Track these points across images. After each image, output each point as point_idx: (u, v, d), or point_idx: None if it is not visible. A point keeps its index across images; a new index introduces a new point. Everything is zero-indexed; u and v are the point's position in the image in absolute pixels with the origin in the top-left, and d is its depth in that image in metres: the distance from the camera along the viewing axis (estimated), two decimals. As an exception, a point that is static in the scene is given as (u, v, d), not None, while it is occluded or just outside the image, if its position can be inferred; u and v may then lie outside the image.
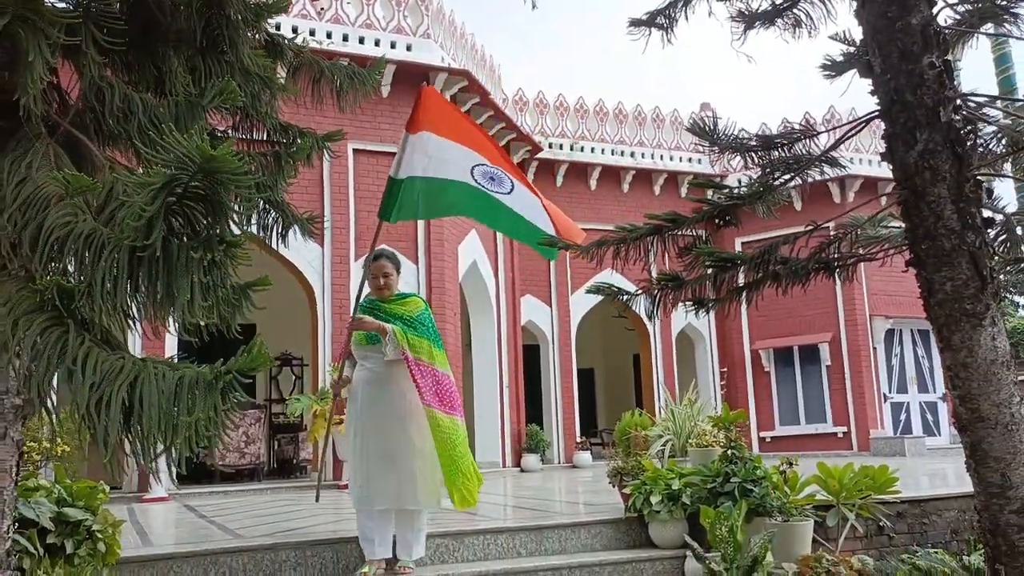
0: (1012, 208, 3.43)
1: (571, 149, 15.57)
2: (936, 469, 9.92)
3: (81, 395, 1.70)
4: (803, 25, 3.65)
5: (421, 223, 11.24)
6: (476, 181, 4.91)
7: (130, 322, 2.08)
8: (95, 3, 2.33)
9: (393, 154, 11.12)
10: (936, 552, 4.79)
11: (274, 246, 3.75)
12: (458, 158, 4.86)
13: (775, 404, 16.02)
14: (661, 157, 16.39)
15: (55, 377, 1.85)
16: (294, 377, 13.44)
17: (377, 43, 11.06)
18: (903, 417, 15.54)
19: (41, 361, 1.74)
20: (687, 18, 3.76)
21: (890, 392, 15.51)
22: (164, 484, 9.17)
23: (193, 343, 2.28)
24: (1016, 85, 4.38)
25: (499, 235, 13.61)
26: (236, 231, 2.00)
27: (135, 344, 8.43)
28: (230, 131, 3.38)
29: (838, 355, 15.39)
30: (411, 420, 4.35)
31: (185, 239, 1.93)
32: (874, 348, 15.33)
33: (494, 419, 12.94)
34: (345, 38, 10.89)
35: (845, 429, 15.19)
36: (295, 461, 11.82)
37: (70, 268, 2.10)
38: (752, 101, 55.61)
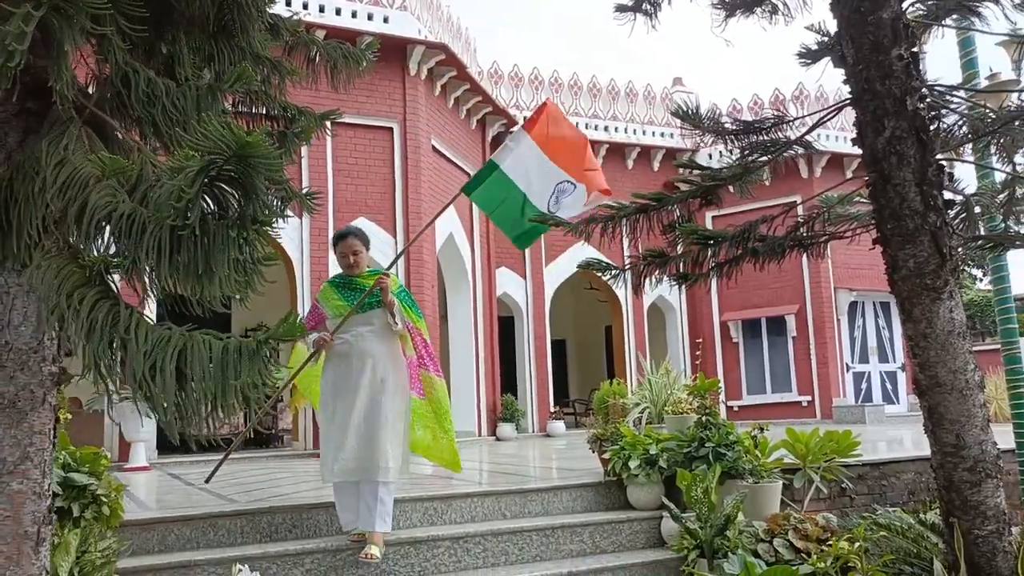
0: (971, 190, 3.68)
1: (545, 122, 15.68)
2: (894, 435, 10.35)
3: (137, 363, 1.86)
4: (780, 13, 3.84)
5: (399, 196, 11.35)
6: (550, 204, 5.12)
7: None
8: (119, -9, 2.44)
9: (370, 127, 11.26)
10: (894, 510, 5.11)
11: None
12: (548, 179, 5.10)
13: (743, 374, 16.46)
14: (634, 131, 16.58)
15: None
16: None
17: (354, 15, 11.06)
18: (864, 386, 16.06)
19: (95, 332, 1.90)
20: (671, 3, 3.93)
21: (852, 362, 16.00)
22: (146, 454, 9.30)
23: (165, 314, 2.42)
24: (978, 67, 4.61)
25: (475, 209, 13.75)
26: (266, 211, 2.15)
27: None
28: (233, 112, 3.51)
29: (804, 326, 15.83)
30: (388, 393, 4.39)
31: (218, 219, 2.09)
32: (838, 320, 15.79)
33: (470, 389, 13.17)
34: (322, 9, 10.87)
35: (809, 398, 15.68)
36: (273, 431, 11.97)
37: (103, 245, 2.25)
38: (724, 72, 55.85)
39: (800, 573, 4.20)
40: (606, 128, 16.32)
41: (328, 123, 3.84)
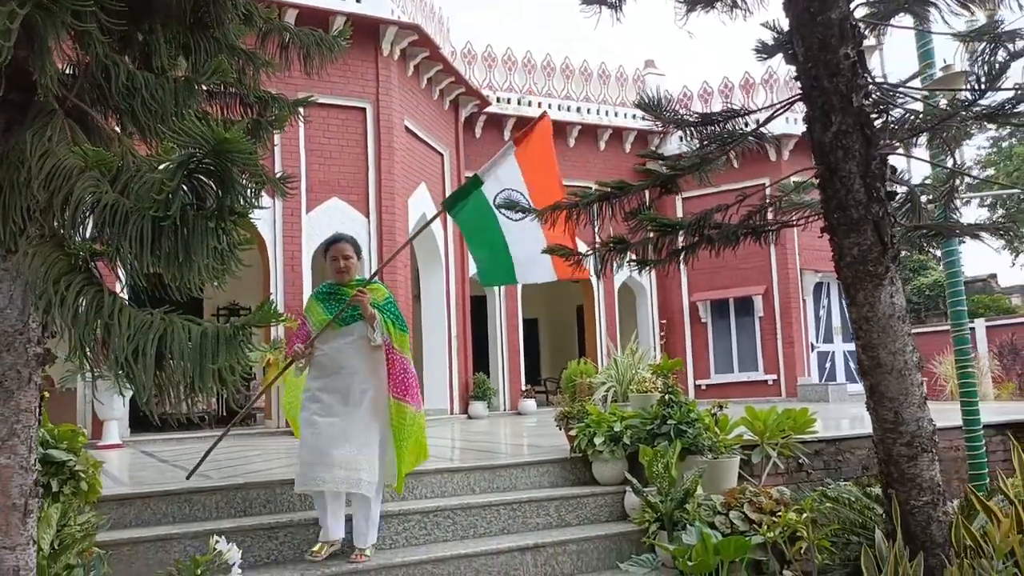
0: (918, 179, 3.86)
1: (519, 103, 15.78)
2: (856, 413, 10.67)
3: (120, 346, 1.98)
4: (739, 8, 4.00)
5: (372, 177, 11.41)
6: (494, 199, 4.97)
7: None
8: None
9: (343, 107, 11.28)
10: (846, 484, 5.35)
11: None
12: (506, 179, 4.97)
13: (711, 353, 16.78)
14: (606, 113, 16.70)
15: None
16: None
17: (327, -6, 11.05)
18: (828, 365, 16.46)
19: (80, 317, 2.02)
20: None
21: (817, 342, 16.37)
22: (118, 431, 9.36)
23: (137, 295, 2.52)
24: (934, 57, 4.79)
25: (448, 189, 13.83)
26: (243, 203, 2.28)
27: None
28: (207, 97, 3.60)
29: (770, 307, 16.15)
30: (368, 407, 4.38)
31: (197, 209, 2.22)
32: (803, 300, 16.13)
33: (442, 368, 13.32)
34: (295, -12, 10.84)
35: (775, 377, 16.04)
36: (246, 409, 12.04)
37: (88, 234, 2.36)
38: (701, 53, 56.03)
39: (752, 543, 4.43)
40: (578, 109, 16.43)
41: (301, 110, 3.93)
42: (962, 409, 6.00)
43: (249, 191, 2.23)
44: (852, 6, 3.29)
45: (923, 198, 4.10)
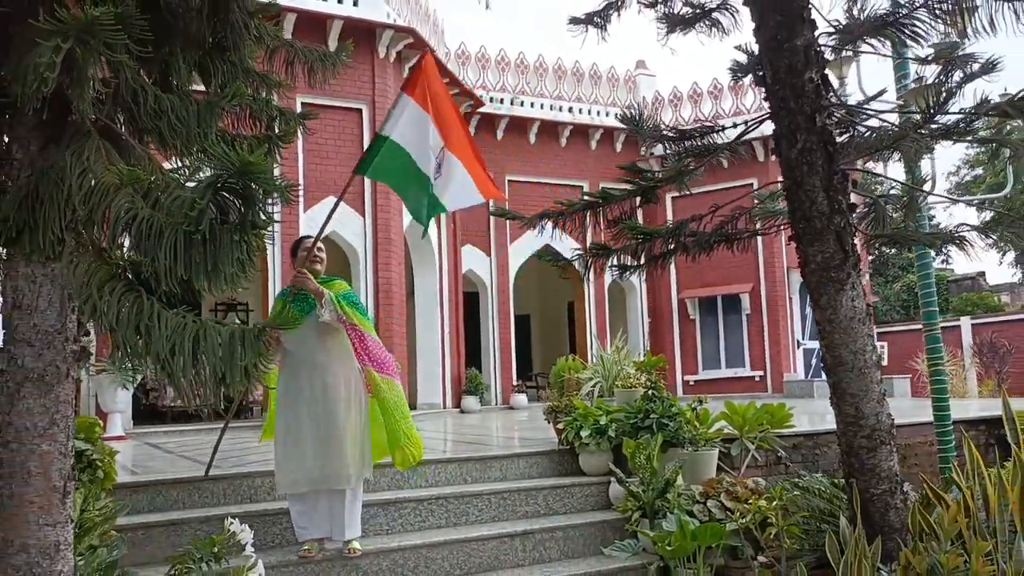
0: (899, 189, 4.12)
1: (511, 104, 16.04)
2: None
3: (159, 345, 2.26)
4: (717, 29, 4.28)
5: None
6: (432, 174, 4.85)
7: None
8: (132, 16, 2.78)
9: (340, 108, 11.51)
10: (818, 475, 5.65)
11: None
12: (428, 142, 4.82)
13: (699, 350, 17.10)
14: (598, 113, 16.98)
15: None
16: (239, 322, 13.84)
17: (325, -2, 11.29)
18: (814, 362, 16.79)
19: (123, 320, 2.29)
20: (619, 18, 4.35)
21: (803, 339, 16.71)
22: (122, 423, 9.62)
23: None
24: (909, 69, 5.05)
25: (442, 187, 14.07)
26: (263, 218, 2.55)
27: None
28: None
29: (757, 305, 16.48)
30: (341, 400, 4.40)
31: (222, 223, 2.49)
32: (790, 298, 16.46)
33: (435, 363, 13.60)
34: (293, -8, 11.08)
35: (761, 373, 16.37)
36: (243, 402, 12.30)
37: (126, 245, 2.63)
38: (688, 51, 56.15)
39: (727, 530, 4.73)
40: (571, 110, 16.71)
41: (305, 122, 4.20)
42: (933, 405, 6.33)
43: (267, 207, 2.50)
44: (816, 34, 3.58)
45: (889, 208, 4.39)
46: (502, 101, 15.96)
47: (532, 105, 16.25)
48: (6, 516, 2.64)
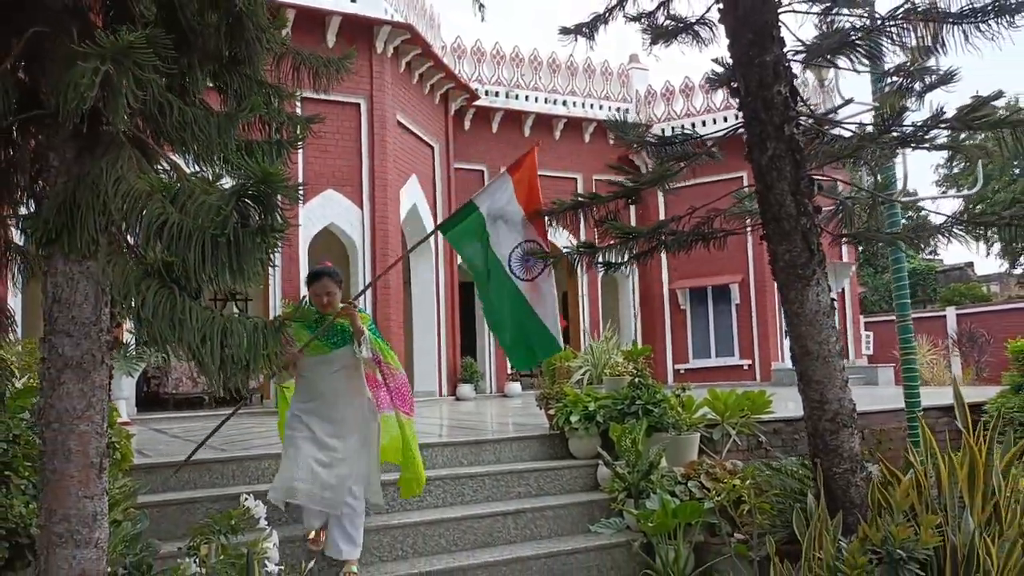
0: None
1: (506, 97, 16.30)
2: (820, 397, 11.34)
3: (190, 336, 2.55)
4: (697, 41, 4.57)
5: (366, 169, 11.94)
6: (510, 264, 5.08)
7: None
8: (159, 37, 3.06)
9: (339, 103, 11.78)
10: (792, 459, 5.98)
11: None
12: (512, 231, 4.96)
13: (689, 339, 17.46)
14: (591, 106, 17.25)
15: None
16: (237, 312, 14.12)
17: (324, -5, 11.53)
18: (802, 351, 17.15)
19: (158, 314, 2.58)
20: (606, 29, 4.64)
21: (791, 329, 17.06)
22: (126, 410, 9.92)
23: None
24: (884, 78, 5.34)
25: (438, 180, 14.39)
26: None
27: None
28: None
29: (746, 295, 16.82)
30: (352, 431, 4.55)
31: (243, 227, 2.79)
32: (778, 290, 16.79)
33: (431, 352, 13.92)
34: (292, -12, 11.31)
35: (750, 362, 16.74)
36: (243, 391, 12.61)
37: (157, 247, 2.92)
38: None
39: (704, 507, 5.06)
40: (564, 103, 16.96)
41: (310, 127, 4.48)
42: (904, 392, 6.66)
43: (284, 214, 2.80)
44: (784, 50, 3.87)
45: (857, 208, 4.70)
46: (497, 94, 16.21)
47: (527, 98, 16.50)
48: (49, 489, 2.94)
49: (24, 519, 3.61)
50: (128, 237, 2.98)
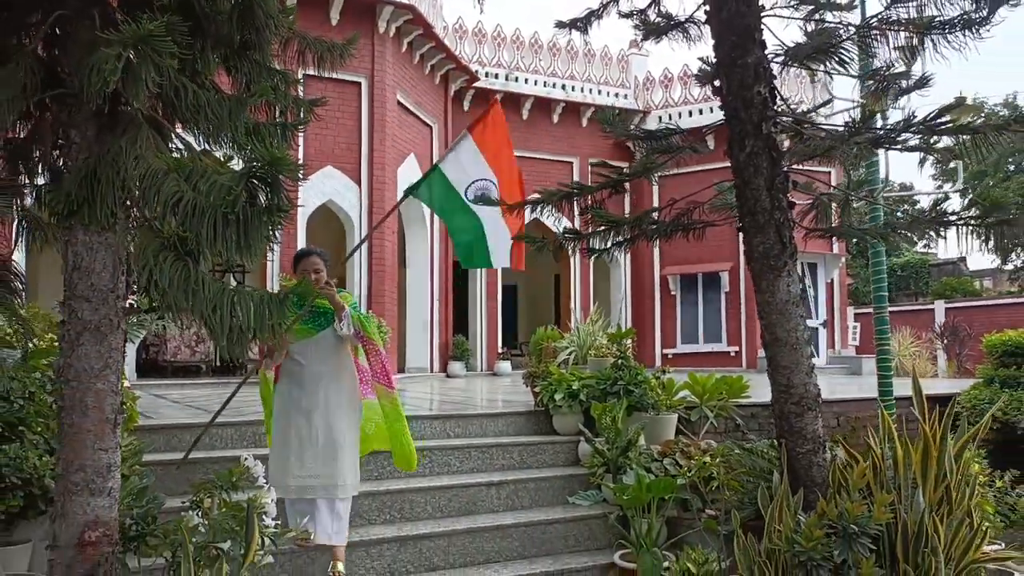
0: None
1: (506, 79, 16.45)
2: (802, 384, 11.65)
3: (203, 305, 2.79)
4: (686, 38, 4.79)
5: (365, 148, 12.13)
6: (466, 194, 5.22)
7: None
8: (176, 24, 3.27)
9: (340, 81, 11.95)
10: (765, 441, 6.26)
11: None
12: (472, 169, 5.22)
13: (678, 324, 17.74)
14: (590, 91, 17.41)
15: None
16: (235, 283, 14.35)
17: (327, -27, 11.65)
18: (788, 340, 17.45)
19: (174, 284, 2.82)
20: (599, 24, 4.85)
21: (779, 318, 17.35)
22: (127, 375, 10.15)
23: None
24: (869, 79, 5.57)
25: (435, 159, 14.55)
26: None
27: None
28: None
29: (736, 283, 17.09)
30: (344, 413, 4.56)
31: (251, 206, 3.02)
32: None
33: (424, 329, 14.18)
34: (296, -34, 11.43)
35: (737, 348, 17.03)
36: (239, 360, 12.85)
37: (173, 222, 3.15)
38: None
39: (677, 483, 5.34)
40: (563, 87, 17.12)
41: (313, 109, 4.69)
42: (878, 382, 6.95)
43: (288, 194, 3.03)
44: (765, 52, 4.09)
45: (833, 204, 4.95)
46: (496, 76, 16.36)
47: (526, 81, 16.66)
48: (67, 442, 3.19)
49: (38, 470, 3.86)
50: (143, 211, 3.20)
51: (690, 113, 17.29)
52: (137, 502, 3.93)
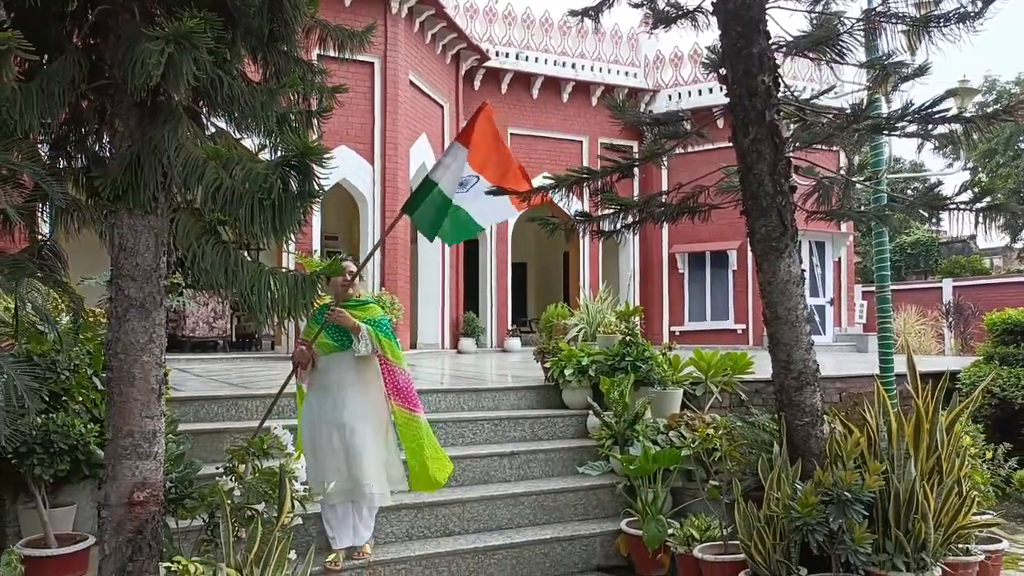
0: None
1: (516, 58, 16.56)
2: (806, 361, 11.87)
3: (242, 285, 3.02)
4: (695, 26, 4.97)
5: (378, 127, 12.32)
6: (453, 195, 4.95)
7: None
8: (213, 21, 3.47)
9: (353, 61, 12.09)
10: (767, 415, 6.50)
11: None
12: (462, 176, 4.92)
13: (686, 302, 17.95)
14: (600, 70, 17.49)
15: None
16: (249, 260, 14.61)
17: (340, -47, 11.78)
18: (794, 318, 17.65)
19: (215, 266, 3.05)
20: (610, 12, 5.02)
21: (786, 296, 17.54)
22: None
23: None
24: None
25: (447, 139, 14.73)
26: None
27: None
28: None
29: (743, 261, 17.26)
30: (368, 422, 4.65)
31: (285, 191, 3.25)
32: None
33: (435, 306, 14.44)
34: (311, -54, 11.56)
35: (744, 326, 17.24)
36: (256, 336, 13.17)
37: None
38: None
39: (681, 455, 5.59)
40: (573, 66, 17.21)
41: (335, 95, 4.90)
42: (879, 358, 7.16)
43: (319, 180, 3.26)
44: (769, 42, 4.27)
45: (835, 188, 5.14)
46: (507, 55, 16.47)
47: (536, 60, 16.76)
48: (116, 410, 3.44)
49: (84, 437, 4.13)
50: (184, 196, 3.43)
51: (700, 92, 17.37)
52: (175, 467, 4.20)
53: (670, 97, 17.65)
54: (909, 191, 30.30)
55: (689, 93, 17.44)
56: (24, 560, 3.93)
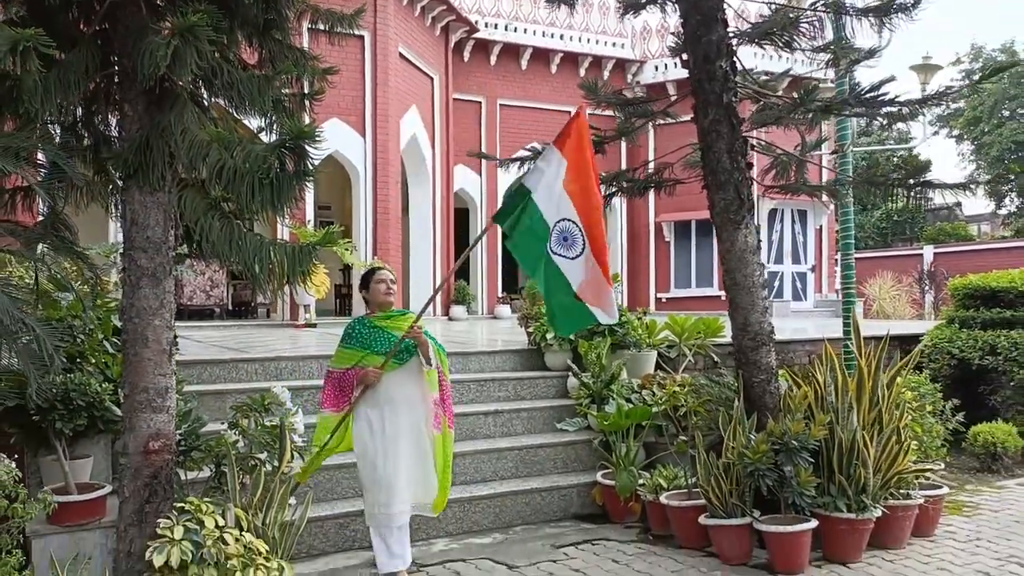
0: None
1: (505, 30, 16.76)
2: (789, 326, 12.30)
3: (246, 256, 3.40)
4: (662, 11, 5.30)
5: (369, 100, 12.60)
6: (551, 243, 4.49)
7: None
8: (213, 14, 3.80)
9: (343, 34, 12.29)
10: (733, 374, 6.93)
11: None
12: (555, 204, 4.39)
13: (672, 269, 18.37)
14: (588, 41, 17.71)
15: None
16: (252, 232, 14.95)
17: (330, -72, 11.95)
18: (776, 284, 18.10)
19: (221, 239, 3.42)
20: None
21: (768, 263, 17.96)
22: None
23: None
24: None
25: (437, 111, 15.02)
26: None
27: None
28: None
29: (728, 230, 17.63)
30: (417, 433, 4.56)
31: (282, 172, 3.62)
32: (758, 226, 17.59)
33: (427, 274, 14.80)
34: (300, -79, 11.74)
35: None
36: (252, 304, 13.54)
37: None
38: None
39: (652, 411, 6.03)
40: (561, 37, 17.42)
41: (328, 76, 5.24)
42: (843, 322, 7.58)
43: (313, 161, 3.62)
44: (727, 31, 4.62)
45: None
46: (496, 27, 16.67)
47: (525, 31, 16.97)
48: (131, 369, 3.83)
49: (99, 395, 4.53)
50: (189, 175, 3.80)
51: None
52: (183, 422, 4.60)
53: (656, 68, 17.91)
54: (895, 159, 30.65)
55: (676, 64, 17.63)
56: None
